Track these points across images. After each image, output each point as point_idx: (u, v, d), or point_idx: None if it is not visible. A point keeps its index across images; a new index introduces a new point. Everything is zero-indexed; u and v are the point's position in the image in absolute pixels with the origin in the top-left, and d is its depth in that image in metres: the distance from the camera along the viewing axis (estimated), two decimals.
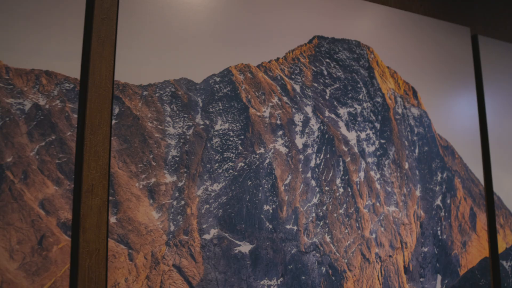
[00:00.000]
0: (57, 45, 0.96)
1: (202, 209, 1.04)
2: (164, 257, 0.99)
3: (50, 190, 0.93)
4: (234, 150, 1.10)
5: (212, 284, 1.03)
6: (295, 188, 1.17)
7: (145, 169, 1.00)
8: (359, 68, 1.34)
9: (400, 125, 1.38)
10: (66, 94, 0.97)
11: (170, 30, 1.06)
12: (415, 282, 1.31)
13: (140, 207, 0.99)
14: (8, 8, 0.93)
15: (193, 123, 1.06)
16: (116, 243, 0.96)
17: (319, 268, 1.17)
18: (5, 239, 0.88)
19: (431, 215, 1.39)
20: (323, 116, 1.25)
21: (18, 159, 0.91)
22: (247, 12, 1.17)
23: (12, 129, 0.92)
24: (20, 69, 0.94)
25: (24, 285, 0.88)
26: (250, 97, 1.14)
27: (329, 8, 1.31)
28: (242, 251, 1.07)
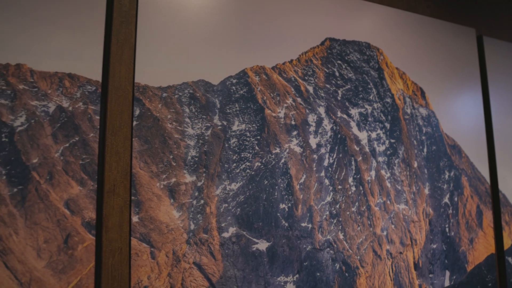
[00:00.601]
0: (79, 49, 0.97)
1: (221, 208, 1.05)
2: (185, 255, 1.00)
3: (74, 190, 0.94)
4: (251, 150, 1.11)
5: (231, 281, 1.04)
6: (310, 187, 1.18)
7: (166, 169, 1.01)
8: (369, 69, 1.35)
9: (409, 125, 1.40)
10: (89, 96, 0.98)
11: (187, 33, 1.07)
12: (425, 278, 1.33)
13: (161, 207, 1.00)
14: (31, 13, 0.94)
15: (211, 124, 1.07)
16: (138, 241, 0.97)
17: (333, 265, 1.18)
18: (33, 238, 0.89)
19: (439, 213, 1.40)
20: (336, 116, 1.26)
21: (44, 160, 0.92)
22: (262, 15, 1.18)
23: (37, 130, 0.92)
24: (44, 72, 0.94)
25: (51, 283, 0.89)
26: (266, 98, 1.15)
27: (340, 10, 1.32)
28: (259, 248, 1.08)
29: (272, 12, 1.19)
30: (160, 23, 1.05)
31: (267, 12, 1.19)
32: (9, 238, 0.87)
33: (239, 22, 1.14)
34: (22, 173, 0.89)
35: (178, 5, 1.08)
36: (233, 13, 1.14)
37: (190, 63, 1.06)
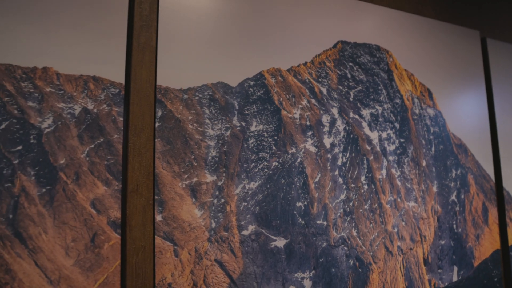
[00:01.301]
0: (103, 52, 0.98)
1: (241, 206, 1.06)
2: (207, 253, 1.01)
3: (100, 190, 0.94)
4: (268, 150, 1.12)
5: (251, 277, 1.05)
6: (324, 186, 1.19)
7: (187, 169, 1.02)
8: (379, 71, 1.36)
9: (418, 124, 1.41)
10: (112, 98, 0.98)
11: (206, 36, 1.08)
12: (434, 273, 1.35)
13: (184, 206, 1.00)
14: (57, 18, 0.94)
15: (230, 125, 1.08)
16: (162, 240, 0.98)
17: (347, 261, 1.19)
18: (61, 237, 0.89)
19: (447, 210, 1.42)
20: (348, 117, 1.27)
21: (70, 161, 0.92)
22: (277, 20, 1.19)
23: (64, 132, 0.93)
24: (70, 75, 0.95)
25: (79, 281, 0.89)
26: (282, 99, 1.16)
27: (351, 14, 1.33)
28: (277, 245, 1.09)
29: (287, 17, 1.21)
30: (181, 27, 1.06)
31: (282, 17, 1.20)
32: (39, 237, 0.87)
33: (256, 26, 1.15)
34: (50, 173, 0.90)
35: (197, 10, 1.08)
36: (250, 17, 1.15)
37: (209, 66, 1.07)
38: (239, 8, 1.14)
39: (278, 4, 1.20)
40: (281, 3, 1.21)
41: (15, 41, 0.90)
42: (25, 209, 0.87)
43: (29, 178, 0.88)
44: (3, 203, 0.85)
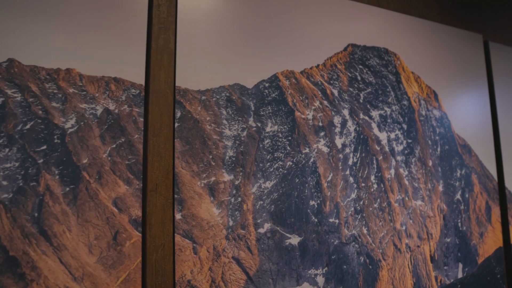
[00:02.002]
0: (123, 54, 0.98)
1: (257, 205, 1.07)
2: (224, 250, 1.02)
3: (121, 189, 0.95)
4: (283, 150, 1.13)
5: (267, 274, 1.06)
6: (336, 185, 1.20)
7: (206, 169, 1.02)
8: (387, 74, 1.37)
9: (424, 125, 1.43)
10: (133, 99, 0.98)
11: (223, 39, 1.09)
12: (440, 270, 1.36)
13: (202, 204, 1.01)
14: (80, 21, 0.94)
15: (246, 125, 1.09)
16: (182, 237, 0.98)
17: (358, 258, 1.20)
18: (84, 235, 0.89)
19: (452, 209, 1.43)
20: (358, 118, 1.28)
21: (93, 161, 0.93)
22: (290, 23, 1.19)
23: (86, 132, 0.93)
24: (92, 76, 0.95)
25: (102, 278, 0.90)
26: (295, 101, 1.17)
27: (360, 17, 1.34)
28: (292, 243, 1.10)
29: (300, 20, 1.21)
30: (199, 30, 1.06)
31: (295, 21, 1.21)
32: (63, 235, 0.88)
33: (270, 30, 1.16)
34: (73, 173, 0.90)
35: (214, 13, 1.09)
36: (265, 21, 1.15)
37: (226, 68, 1.07)
38: (254, 12, 1.15)
39: (291, 8, 1.21)
40: (294, 8, 1.22)
41: (40, 43, 0.90)
42: (49, 207, 0.87)
43: (53, 177, 0.88)
44: (29, 202, 0.85)
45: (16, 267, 0.82)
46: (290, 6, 1.21)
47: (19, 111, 0.87)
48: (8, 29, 0.87)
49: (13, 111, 0.86)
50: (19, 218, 0.84)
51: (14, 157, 0.85)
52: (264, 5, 1.17)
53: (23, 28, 0.89)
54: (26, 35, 0.89)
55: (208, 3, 1.09)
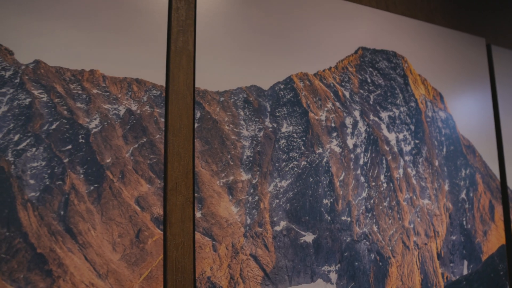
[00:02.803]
0: (145, 55, 0.99)
1: (273, 203, 1.08)
2: (242, 247, 1.03)
3: (143, 188, 0.95)
4: (298, 150, 1.14)
5: (283, 270, 1.07)
6: (348, 184, 1.22)
7: (224, 168, 1.03)
8: (396, 76, 1.39)
9: (430, 127, 1.45)
10: (154, 100, 0.99)
11: (241, 42, 1.10)
12: (446, 267, 1.38)
13: (221, 203, 1.02)
14: (103, 23, 0.95)
15: (263, 126, 1.10)
16: (202, 235, 0.99)
17: (369, 255, 1.22)
18: (108, 233, 0.90)
19: (457, 207, 1.46)
20: (369, 119, 1.30)
21: (116, 160, 0.93)
22: (304, 26, 1.21)
23: (109, 132, 0.94)
24: (115, 77, 0.96)
25: (125, 274, 0.90)
26: (309, 102, 1.19)
27: (370, 21, 1.36)
28: (306, 240, 1.12)
29: (313, 24, 1.23)
30: (217, 33, 1.07)
31: (308, 24, 1.22)
32: (88, 233, 0.88)
33: (285, 33, 1.17)
34: (97, 172, 0.91)
35: (232, 17, 1.10)
36: (280, 25, 1.17)
37: (244, 70, 1.09)
38: (270, 16, 1.16)
39: (304, 13, 1.23)
40: (307, 12, 1.23)
41: (65, 45, 0.90)
42: (75, 206, 0.88)
43: (78, 176, 0.89)
44: (55, 200, 0.86)
45: (43, 264, 0.83)
46: (304, 11, 1.23)
47: (45, 111, 0.87)
48: (34, 32, 0.88)
49: (40, 111, 0.87)
50: (46, 216, 0.85)
51: (40, 157, 0.86)
52: (279, 9, 1.18)
53: (49, 30, 0.89)
54: (52, 37, 0.89)
55: (226, 6, 1.11)
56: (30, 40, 0.87)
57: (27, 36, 0.87)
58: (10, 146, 0.83)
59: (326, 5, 1.28)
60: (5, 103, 0.84)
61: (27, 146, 0.85)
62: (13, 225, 0.81)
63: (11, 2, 0.87)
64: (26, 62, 0.87)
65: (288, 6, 1.20)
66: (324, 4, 1.28)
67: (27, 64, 0.87)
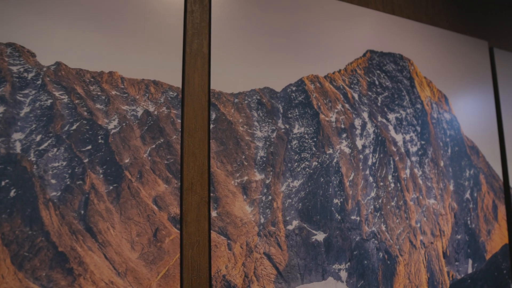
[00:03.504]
0: (162, 58, 1.00)
1: (286, 203, 1.10)
2: (256, 246, 1.04)
3: (161, 188, 0.97)
4: (309, 151, 1.16)
5: (295, 269, 1.08)
6: (357, 184, 1.24)
7: (239, 168, 1.05)
8: (402, 79, 1.42)
9: (436, 128, 1.47)
10: (171, 101, 1.01)
11: (254, 45, 1.11)
12: (452, 265, 1.40)
13: (236, 202, 1.03)
14: (121, 26, 0.96)
15: (276, 127, 1.12)
16: (217, 234, 1.00)
17: (377, 254, 1.24)
18: (127, 232, 0.91)
19: (462, 207, 1.48)
20: (377, 120, 1.32)
21: (134, 160, 0.95)
22: (315, 30, 1.23)
23: (128, 133, 0.95)
24: (133, 79, 0.97)
25: (144, 273, 0.91)
26: (320, 104, 1.20)
27: (377, 25, 1.38)
28: (317, 239, 1.13)
29: (323, 28, 1.25)
30: (231, 36, 1.09)
31: (319, 28, 1.24)
32: (107, 232, 0.89)
33: (296, 36, 1.19)
34: (116, 172, 0.92)
35: (246, 20, 1.12)
36: (292, 28, 1.18)
37: (257, 72, 1.10)
38: (282, 19, 1.18)
39: (315, 17, 1.24)
40: (318, 16, 1.25)
41: (85, 47, 0.92)
42: (94, 205, 0.89)
43: (98, 176, 0.90)
44: (75, 200, 0.87)
45: (64, 262, 0.84)
46: (314, 15, 1.25)
47: (66, 112, 0.89)
48: (55, 34, 0.89)
49: (61, 112, 0.88)
50: (67, 215, 0.86)
51: (61, 157, 0.87)
52: (291, 13, 1.20)
53: (69, 33, 0.90)
54: (72, 40, 0.90)
55: (240, 10, 1.12)
56: (51, 42, 0.88)
57: (48, 38, 0.88)
58: (33, 147, 0.84)
59: (335, 9, 1.30)
60: (28, 104, 0.85)
61: (49, 146, 0.86)
62: (36, 224, 0.83)
63: (33, 6, 0.88)
64: (48, 64, 0.88)
65: (299, 10, 1.22)
66: (334, 8, 1.30)
67: (48, 66, 0.88)
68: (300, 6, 1.23)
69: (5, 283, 0.78)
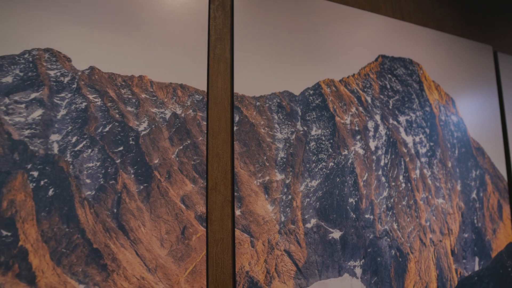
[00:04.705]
0: (188, 62, 1.04)
1: (304, 202, 1.14)
2: (277, 244, 1.09)
3: (188, 187, 1.01)
4: (326, 152, 1.21)
5: (313, 265, 1.13)
6: (371, 184, 1.29)
7: (261, 169, 1.09)
8: (412, 82, 1.47)
9: (444, 130, 1.53)
10: (197, 104, 1.05)
11: (274, 50, 1.16)
12: (460, 263, 1.46)
13: (258, 201, 1.08)
14: (150, 32, 1.00)
15: (295, 129, 1.16)
16: (241, 232, 1.05)
17: (390, 251, 1.29)
18: (157, 230, 0.95)
19: (469, 206, 1.54)
20: (388, 123, 1.37)
21: (163, 161, 0.99)
22: (330, 35, 1.28)
23: (157, 134, 0.99)
24: (161, 82, 1.01)
25: (172, 269, 0.96)
26: (335, 107, 1.25)
27: (388, 31, 1.44)
28: (334, 237, 1.18)
29: (338, 34, 1.30)
30: (252, 41, 1.13)
31: (334, 33, 1.29)
32: (138, 230, 0.93)
33: (313, 42, 1.24)
34: (146, 172, 0.96)
35: (265, 26, 1.16)
36: (308, 34, 1.23)
37: (277, 76, 1.15)
38: (298, 25, 1.22)
39: (330, 22, 1.29)
40: (333, 22, 1.30)
41: (116, 52, 0.96)
42: (126, 204, 0.93)
43: (129, 176, 0.94)
44: (109, 198, 0.91)
45: (99, 258, 0.88)
46: (329, 21, 1.29)
47: (99, 114, 0.93)
48: (90, 40, 0.93)
49: (94, 115, 0.92)
50: (101, 213, 0.90)
51: (95, 157, 0.91)
52: (307, 19, 1.25)
53: (102, 39, 0.94)
54: (105, 45, 0.94)
55: (259, 16, 1.17)
56: (85, 48, 0.92)
57: (83, 44, 0.92)
58: (69, 148, 0.88)
59: (349, 15, 1.35)
60: (64, 107, 0.89)
61: (84, 147, 0.90)
62: (72, 221, 0.86)
63: (69, 14, 0.92)
64: (82, 68, 0.92)
65: (315, 17, 1.27)
66: (347, 15, 1.35)
67: (83, 70, 0.92)
68: (315, 13, 1.28)
69: (45, 278, 0.82)
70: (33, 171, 0.84)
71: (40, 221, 0.83)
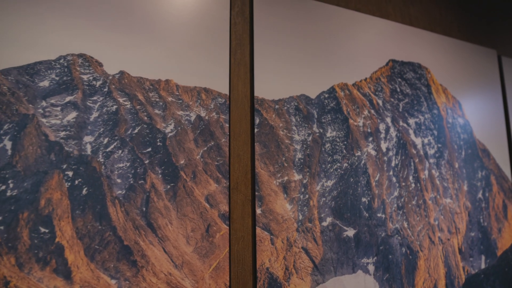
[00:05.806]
0: (211, 66, 1.09)
1: (321, 201, 1.19)
2: (295, 241, 1.13)
3: (212, 187, 1.05)
4: (340, 153, 1.26)
5: (329, 262, 1.18)
6: (382, 184, 1.34)
7: (280, 169, 1.14)
8: (421, 86, 1.52)
9: (451, 132, 1.58)
10: (220, 107, 1.10)
11: (292, 55, 1.20)
12: (467, 261, 1.51)
13: (278, 201, 1.13)
14: (176, 38, 1.05)
15: (311, 131, 1.21)
16: (261, 230, 1.09)
17: (400, 249, 1.34)
18: (183, 228, 1.00)
19: (475, 206, 1.59)
20: (398, 125, 1.43)
21: (188, 162, 1.03)
22: (343, 41, 1.33)
23: (183, 136, 1.04)
24: (186, 86, 1.06)
25: (197, 265, 1.00)
26: (349, 110, 1.31)
27: (398, 36, 1.49)
28: (348, 235, 1.23)
29: (351, 40, 1.35)
30: (270, 46, 1.18)
31: (347, 40, 1.34)
32: (166, 227, 0.98)
33: (328, 47, 1.29)
34: (173, 172, 1.01)
35: (282, 32, 1.21)
36: (323, 39, 1.28)
37: (294, 80, 1.20)
38: (314, 31, 1.27)
39: (343, 28, 1.35)
40: (346, 28, 1.35)
41: (144, 57, 1.00)
42: (154, 202, 0.97)
43: (157, 176, 0.99)
44: (138, 197, 0.95)
45: (129, 255, 0.92)
46: (342, 27, 1.35)
47: (129, 117, 0.97)
48: (120, 45, 0.97)
49: (124, 117, 0.96)
50: (131, 212, 0.94)
51: (125, 158, 0.95)
52: (322, 25, 1.30)
53: (132, 44, 0.99)
54: (134, 50, 0.99)
55: (277, 22, 1.22)
56: (116, 53, 0.96)
57: (113, 49, 0.96)
58: (101, 149, 0.92)
59: (360, 21, 1.40)
60: (96, 109, 0.93)
61: (115, 148, 0.94)
62: (104, 219, 0.91)
63: (100, 21, 0.96)
64: (113, 72, 0.96)
65: (329, 23, 1.32)
66: (359, 21, 1.40)
67: (113, 74, 0.96)
68: (329, 20, 1.33)
69: (80, 273, 0.86)
70: (68, 171, 0.88)
71: (75, 219, 0.87)
